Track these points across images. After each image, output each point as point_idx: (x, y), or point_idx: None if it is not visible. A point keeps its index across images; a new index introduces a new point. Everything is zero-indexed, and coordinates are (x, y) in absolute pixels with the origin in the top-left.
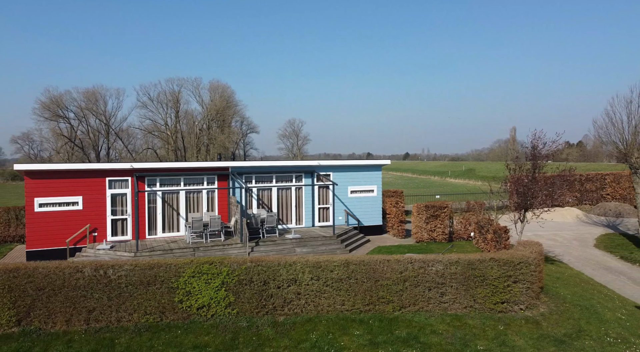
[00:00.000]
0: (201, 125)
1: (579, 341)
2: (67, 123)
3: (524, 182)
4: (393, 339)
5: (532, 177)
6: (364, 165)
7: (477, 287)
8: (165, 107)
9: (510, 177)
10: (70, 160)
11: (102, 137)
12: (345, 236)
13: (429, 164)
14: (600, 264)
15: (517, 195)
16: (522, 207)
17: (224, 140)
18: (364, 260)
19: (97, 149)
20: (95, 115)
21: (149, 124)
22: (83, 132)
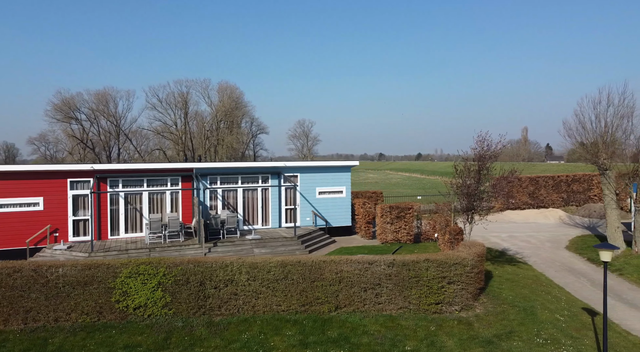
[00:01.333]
0: (209, 126)
1: (507, 341)
2: (79, 124)
3: (469, 184)
4: (324, 339)
5: (477, 179)
6: (332, 166)
7: (411, 288)
8: (174, 108)
9: (457, 178)
10: (83, 161)
11: (113, 139)
12: (308, 236)
13: (438, 165)
14: (566, 265)
15: (462, 196)
16: (468, 208)
17: (232, 141)
18: (300, 261)
19: (108, 151)
20: (105, 116)
21: (158, 125)
22: (94, 134)
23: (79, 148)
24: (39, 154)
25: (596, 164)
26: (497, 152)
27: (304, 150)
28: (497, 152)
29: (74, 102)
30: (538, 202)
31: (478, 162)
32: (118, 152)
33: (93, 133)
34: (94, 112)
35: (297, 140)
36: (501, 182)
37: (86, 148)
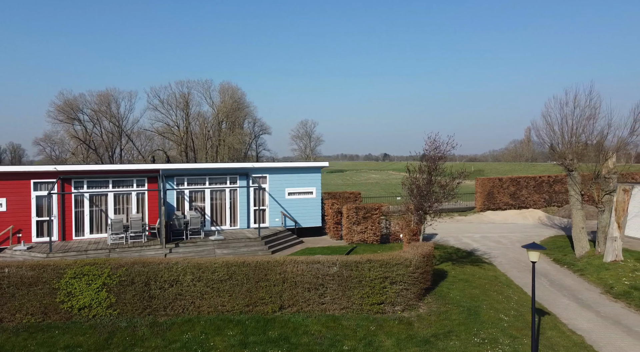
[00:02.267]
0: (211, 127)
1: (444, 341)
2: (82, 125)
3: (420, 184)
4: (264, 339)
5: (428, 180)
6: (302, 167)
7: (354, 289)
8: (175, 109)
9: (408, 179)
10: (86, 161)
11: (116, 139)
12: (273, 237)
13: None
14: (530, 265)
15: (414, 197)
16: (418, 209)
17: (232, 142)
18: (245, 261)
19: (111, 151)
20: (108, 117)
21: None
22: (97, 134)
23: (81, 149)
24: (45, 154)
25: (563, 165)
26: (447, 153)
27: (307, 151)
28: (447, 153)
29: (76, 103)
30: (520, 202)
31: (428, 163)
32: (120, 153)
33: (96, 134)
34: (96, 113)
35: (299, 141)
36: (450, 183)
37: (89, 149)
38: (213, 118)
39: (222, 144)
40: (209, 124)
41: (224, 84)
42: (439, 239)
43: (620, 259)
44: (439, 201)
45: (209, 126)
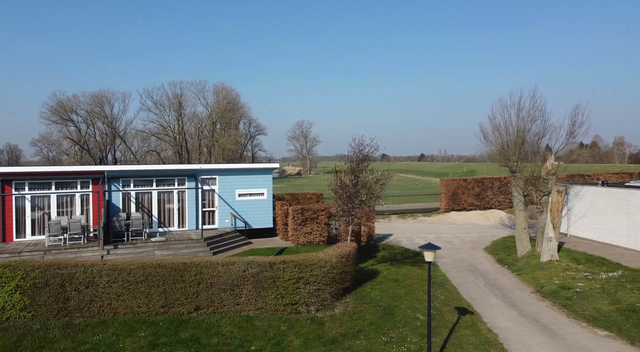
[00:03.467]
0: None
1: (352, 340)
2: (75, 126)
3: (347, 185)
4: (174, 340)
5: (355, 181)
6: (252, 168)
7: (269, 289)
8: (168, 110)
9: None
10: (80, 162)
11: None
12: (218, 238)
13: (435, 165)
14: (473, 265)
15: (340, 199)
16: (344, 210)
17: (225, 143)
18: (161, 263)
19: (104, 152)
20: (101, 118)
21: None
22: (91, 135)
23: (75, 149)
24: (42, 155)
25: (507, 166)
26: (371, 154)
27: (304, 151)
28: (371, 154)
29: (69, 105)
30: (484, 203)
31: (353, 164)
32: (114, 154)
33: (90, 135)
34: (89, 114)
35: (296, 141)
36: (373, 185)
37: (83, 150)
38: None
39: (215, 145)
40: (202, 125)
41: (218, 85)
42: (392, 240)
43: (555, 259)
44: (365, 203)
45: (202, 127)
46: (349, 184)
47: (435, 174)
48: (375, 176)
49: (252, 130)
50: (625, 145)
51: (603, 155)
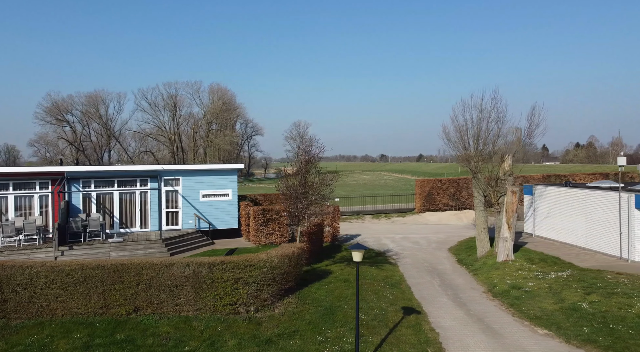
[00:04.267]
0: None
1: (287, 340)
2: (70, 127)
3: (295, 186)
4: (110, 341)
5: (303, 182)
6: (216, 169)
7: (207, 290)
8: (163, 110)
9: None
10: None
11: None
12: (177, 239)
13: (432, 166)
14: (433, 266)
15: (288, 200)
16: (292, 212)
17: (219, 143)
18: (100, 264)
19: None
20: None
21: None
22: (86, 136)
23: (71, 150)
24: (40, 156)
25: (468, 167)
26: (318, 155)
27: None
28: (317, 156)
29: (64, 105)
30: (460, 203)
31: (302, 166)
32: (109, 154)
33: (85, 135)
34: (85, 114)
35: (293, 142)
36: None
37: (78, 151)
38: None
39: (210, 146)
40: (197, 125)
41: (213, 85)
42: (359, 240)
43: (510, 259)
44: (312, 203)
45: (197, 127)
46: (297, 185)
47: (430, 174)
48: (323, 177)
49: (249, 131)
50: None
51: (599, 156)
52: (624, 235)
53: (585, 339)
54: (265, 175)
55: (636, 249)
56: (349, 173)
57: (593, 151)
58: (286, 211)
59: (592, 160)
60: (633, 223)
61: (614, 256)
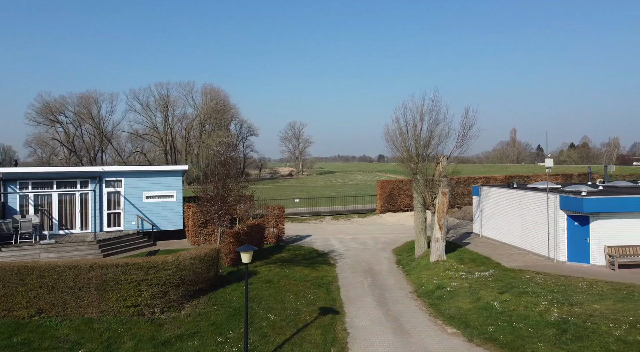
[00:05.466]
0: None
1: (186, 341)
2: (63, 127)
3: (211, 189)
4: (6, 344)
5: (222, 185)
6: (160, 170)
7: (111, 292)
8: (155, 111)
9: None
10: (69, 163)
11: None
12: (114, 241)
13: None
14: (370, 266)
15: (208, 202)
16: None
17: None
18: (1, 266)
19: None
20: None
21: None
22: (78, 136)
23: (64, 150)
24: (36, 156)
25: (408, 168)
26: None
27: (296, 153)
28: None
29: (56, 106)
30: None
31: (222, 168)
32: (101, 155)
33: (77, 136)
34: (77, 115)
35: (288, 142)
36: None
37: (71, 151)
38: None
39: (202, 146)
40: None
41: (206, 86)
42: (307, 241)
43: (442, 259)
44: (232, 206)
45: (190, 128)
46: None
47: None
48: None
49: (244, 131)
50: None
51: (591, 157)
52: (551, 235)
53: (488, 337)
54: (260, 176)
55: (560, 249)
56: (345, 173)
57: (586, 152)
58: (202, 212)
59: (585, 161)
60: (558, 224)
61: (544, 256)
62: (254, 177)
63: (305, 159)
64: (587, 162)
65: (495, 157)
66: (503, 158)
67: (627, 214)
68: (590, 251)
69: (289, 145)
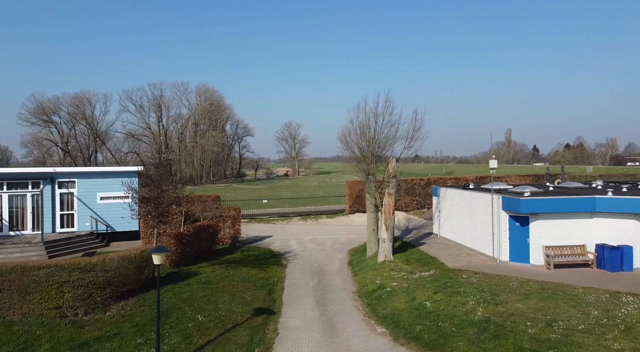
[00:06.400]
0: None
1: (103, 343)
2: (57, 128)
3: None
4: None
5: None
6: (115, 171)
7: (33, 293)
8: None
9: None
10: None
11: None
12: (63, 242)
13: (420, 166)
14: (321, 267)
15: (146, 202)
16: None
17: (204, 144)
18: None
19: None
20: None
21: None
22: (72, 137)
23: (57, 150)
24: (33, 156)
25: (362, 170)
26: (170, 158)
27: (292, 153)
28: (170, 159)
29: (49, 106)
30: None
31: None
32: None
33: (71, 137)
34: (71, 115)
35: (285, 143)
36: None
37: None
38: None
39: (196, 146)
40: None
41: (200, 86)
42: (265, 242)
43: (389, 259)
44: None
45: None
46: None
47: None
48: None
49: (240, 132)
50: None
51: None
52: (495, 236)
53: (413, 337)
54: (256, 176)
55: (503, 250)
56: (342, 174)
57: (581, 152)
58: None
59: (579, 161)
60: (500, 224)
61: (489, 256)
62: (249, 177)
63: (302, 160)
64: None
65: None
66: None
67: (564, 214)
68: (530, 251)
69: (285, 145)
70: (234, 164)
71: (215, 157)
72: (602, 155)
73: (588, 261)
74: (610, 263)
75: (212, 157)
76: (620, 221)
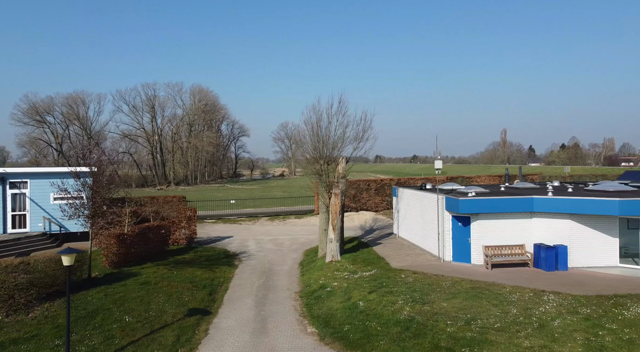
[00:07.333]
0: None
1: (19, 345)
2: (48, 128)
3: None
4: None
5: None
6: (67, 172)
7: None
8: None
9: None
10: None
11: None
12: (10, 243)
13: (415, 167)
14: (271, 267)
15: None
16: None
17: (197, 144)
18: None
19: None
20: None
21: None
22: (66, 137)
23: (52, 151)
24: (29, 156)
25: (314, 170)
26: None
27: (289, 153)
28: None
29: (43, 106)
30: (360, 205)
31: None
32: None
33: (65, 137)
34: (64, 116)
35: (281, 143)
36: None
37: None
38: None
39: (189, 147)
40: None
41: (195, 87)
42: (224, 242)
43: (336, 260)
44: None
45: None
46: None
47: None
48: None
49: (235, 132)
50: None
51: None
52: (440, 236)
53: (340, 336)
54: (252, 176)
55: (446, 250)
56: None
57: (575, 152)
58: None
59: (574, 161)
60: (444, 224)
61: (435, 256)
62: (246, 178)
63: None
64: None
65: (486, 157)
66: (494, 159)
67: (505, 214)
68: (472, 251)
69: (281, 146)
70: (230, 164)
71: (210, 158)
72: (597, 155)
73: (526, 261)
74: (546, 263)
75: (206, 157)
76: (557, 220)
